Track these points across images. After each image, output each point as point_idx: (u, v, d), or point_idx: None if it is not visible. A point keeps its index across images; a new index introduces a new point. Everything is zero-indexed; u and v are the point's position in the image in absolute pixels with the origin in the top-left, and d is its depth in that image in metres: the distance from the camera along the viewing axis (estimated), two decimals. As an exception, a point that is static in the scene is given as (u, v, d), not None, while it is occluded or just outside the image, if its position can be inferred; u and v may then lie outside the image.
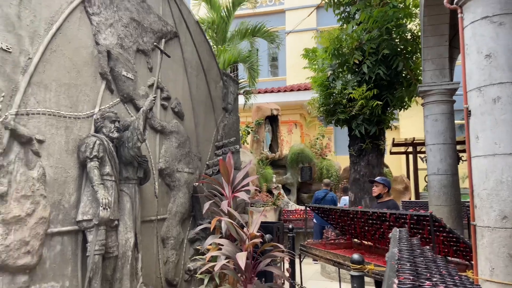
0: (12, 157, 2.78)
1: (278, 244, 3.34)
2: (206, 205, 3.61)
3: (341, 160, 14.72)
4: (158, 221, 4.47)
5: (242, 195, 3.53)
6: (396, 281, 1.01)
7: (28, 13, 2.97)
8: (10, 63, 2.80)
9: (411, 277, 1.07)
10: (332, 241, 5.60)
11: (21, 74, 2.88)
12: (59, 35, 3.24)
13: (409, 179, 13.43)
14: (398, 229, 2.23)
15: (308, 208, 5.82)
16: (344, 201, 9.03)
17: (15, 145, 2.81)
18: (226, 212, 3.48)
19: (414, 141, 12.41)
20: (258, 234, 3.16)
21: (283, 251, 3.33)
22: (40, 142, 3.01)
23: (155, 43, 4.30)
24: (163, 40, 4.39)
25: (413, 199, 12.34)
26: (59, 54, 3.24)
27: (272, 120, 13.58)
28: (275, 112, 13.36)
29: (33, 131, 2.94)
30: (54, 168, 3.13)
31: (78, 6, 3.45)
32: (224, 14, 11.08)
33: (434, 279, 1.30)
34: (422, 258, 1.54)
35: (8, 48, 2.78)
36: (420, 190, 12.97)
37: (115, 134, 3.61)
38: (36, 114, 2.99)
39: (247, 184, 3.97)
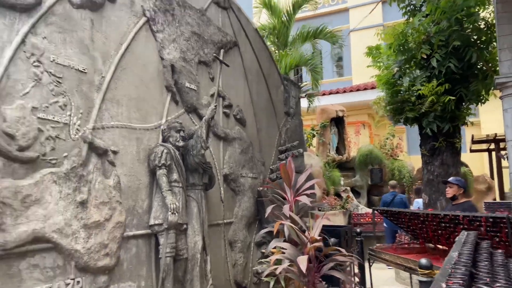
0: (91, 168, 3.07)
1: (340, 248, 3.29)
2: (268, 209, 3.67)
3: (414, 160, 13.98)
4: (225, 225, 4.63)
5: (303, 199, 3.54)
6: (443, 285, 0.96)
7: (100, 35, 3.27)
8: (86, 83, 3.10)
9: (461, 281, 1.01)
10: (406, 246, 5.35)
11: (96, 91, 3.18)
12: (128, 53, 3.52)
13: (493, 178, 12.39)
14: (466, 232, 2.10)
15: (376, 212, 5.63)
16: (417, 204, 8.57)
17: (93, 156, 3.10)
18: (288, 216, 3.51)
19: (497, 137, 11.46)
20: (318, 238, 3.15)
21: (345, 255, 3.27)
22: (115, 153, 3.30)
23: (214, 54, 4.47)
24: (222, 51, 4.56)
25: (498, 199, 11.36)
26: (128, 71, 3.51)
27: (338, 122, 13.33)
28: (340, 114, 13.11)
29: (108, 143, 3.23)
30: (127, 177, 3.40)
31: (143, 26, 3.72)
32: (285, 18, 11.18)
33: (498, 285, 1.21)
34: (487, 263, 1.44)
35: (84, 69, 3.09)
36: (506, 190, 11.89)
37: (181, 143, 3.82)
38: (110, 127, 3.28)
39: (310, 188, 3.96)
